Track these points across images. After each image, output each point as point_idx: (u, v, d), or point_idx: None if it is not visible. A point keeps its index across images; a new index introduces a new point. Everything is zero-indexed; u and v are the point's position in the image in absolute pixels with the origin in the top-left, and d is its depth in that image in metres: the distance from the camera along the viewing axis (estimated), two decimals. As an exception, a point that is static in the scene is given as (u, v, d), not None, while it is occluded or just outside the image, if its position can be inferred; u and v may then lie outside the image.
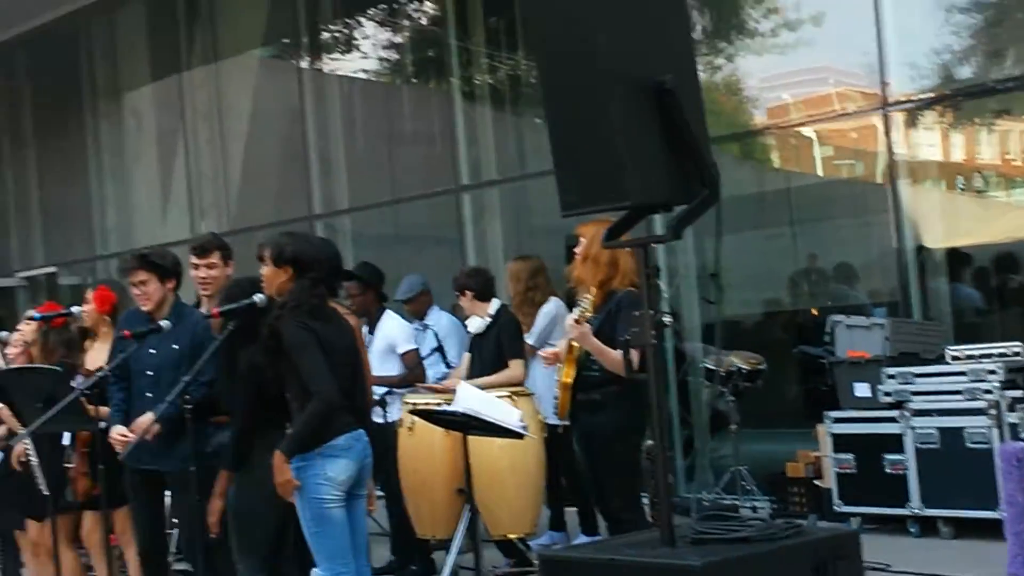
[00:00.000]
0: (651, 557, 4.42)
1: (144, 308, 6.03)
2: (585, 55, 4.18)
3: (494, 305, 7.57)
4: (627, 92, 4.14)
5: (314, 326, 5.10)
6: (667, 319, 4.47)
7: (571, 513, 7.91)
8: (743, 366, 8.27)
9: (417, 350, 7.70)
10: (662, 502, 4.60)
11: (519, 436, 6.11)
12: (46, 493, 6.59)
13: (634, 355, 5.80)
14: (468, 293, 7.50)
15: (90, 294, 6.67)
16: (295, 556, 5.74)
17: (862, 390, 7.68)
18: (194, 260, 6.24)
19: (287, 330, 5.08)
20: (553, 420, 6.87)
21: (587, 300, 5.84)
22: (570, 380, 6.09)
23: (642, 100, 4.18)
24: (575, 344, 6.08)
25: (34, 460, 6.69)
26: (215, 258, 6.31)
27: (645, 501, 6.23)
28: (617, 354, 5.86)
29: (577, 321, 5.82)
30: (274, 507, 5.24)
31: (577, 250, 6.26)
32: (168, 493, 6.12)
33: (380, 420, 7.21)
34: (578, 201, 4.44)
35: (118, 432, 5.84)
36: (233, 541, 5.47)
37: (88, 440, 6.28)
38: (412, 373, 7.65)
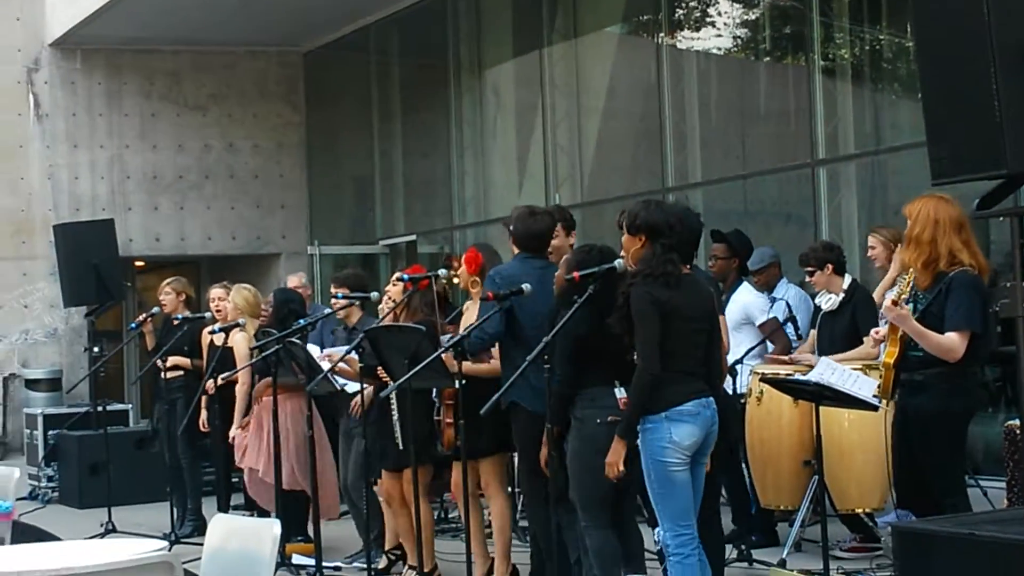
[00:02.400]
0: (1015, 534, 4.33)
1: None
2: (967, 22, 4.11)
3: (847, 281, 7.49)
4: (1008, 56, 4.06)
5: (661, 295, 5.19)
6: (1040, 290, 4.35)
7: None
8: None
9: (776, 319, 7.73)
10: (1026, 478, 4.49)
11: (873, 408, 6.05)
12: (401, 448, 7.00)
13: (958, 338, 5.64)
14: (829, 267, 7.43)
15: (459, 260, 6.97)
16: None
17: None
18: None
19: (634, 297, 5.22)
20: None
21: (903, 281, 5.71)
22: (892, 360, 5.94)
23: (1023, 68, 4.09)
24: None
25: (395, 415, 7.09)
26: (558, 228, 6.56)
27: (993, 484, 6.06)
28: (941, 337, 5.70)
29: (894, 303, 5.68)
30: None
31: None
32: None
33: (728, 390, 7.25)
34: (950, 170, 4.40)
35: None
36: (575, 496, 5.61)
37: (453, 393, 6.56)
38: (779, 346, 7.69)
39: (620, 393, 5.49)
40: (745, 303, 7.82)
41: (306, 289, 10.12)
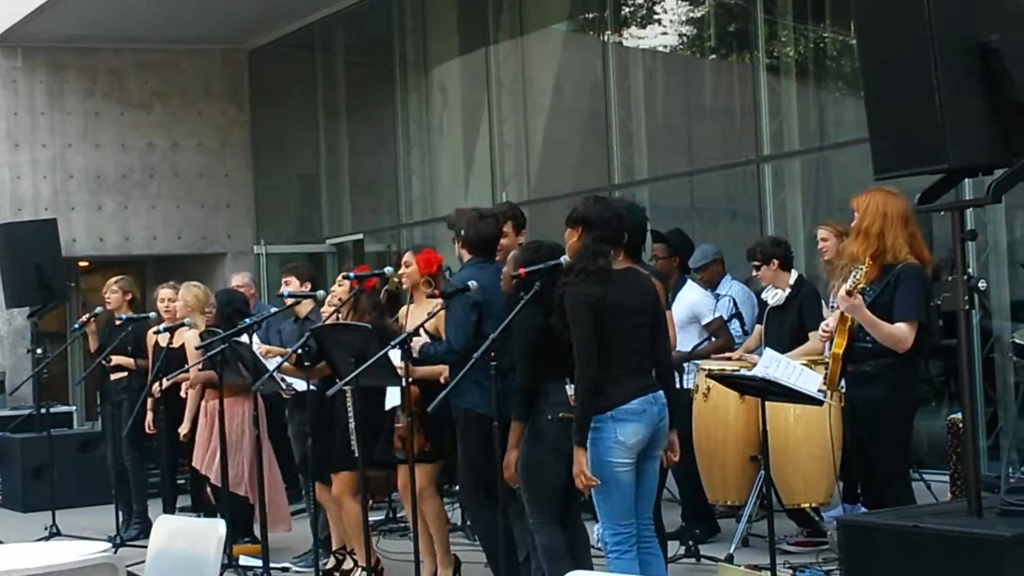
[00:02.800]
0: (957, 526, 4.37)
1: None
2: (908, 18, 4.14)
3: (794, 276, 7.53)
4: (949, 53, 4.10)
5: (595, 292, 5.17)
6: (981, 284, 4.39)
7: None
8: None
9: (721, 317, 7.76)
10: (969, 471, 4.53)
11: (818, 402, 6.08)
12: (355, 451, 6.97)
13: (907, 329, 5.70)
14: (775, 262, 7.46)
15: (409, 256, 6.90)
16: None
17: None
18: None
19: (567, 298, 5.21)
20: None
21: (860, 271, 5.75)
22: (840, 351, 5.99)
23: (964, 61, 4.13)
24: (847, 315, 5.99)
25: (351, 417, 7.05)
26: (508, 227, 6.55)
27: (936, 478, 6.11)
28: (892, 327, 5.75)
29: (849, 293, 5.73)
30: (563, 460, 5.35)
31: (852, 225, 6.14)
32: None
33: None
34: (893, 165, 4.43)
35: None
36: (524, 494, 5.59)
37: (416, 399, 6.51)
38: (721, 341, 7.71)
39: (571, 390, 5.49)
40: (692, 301, 7.83)
41: (250, 288, 10.03)
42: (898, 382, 5.89)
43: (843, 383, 6.13)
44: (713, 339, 7.81)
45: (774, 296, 7.55)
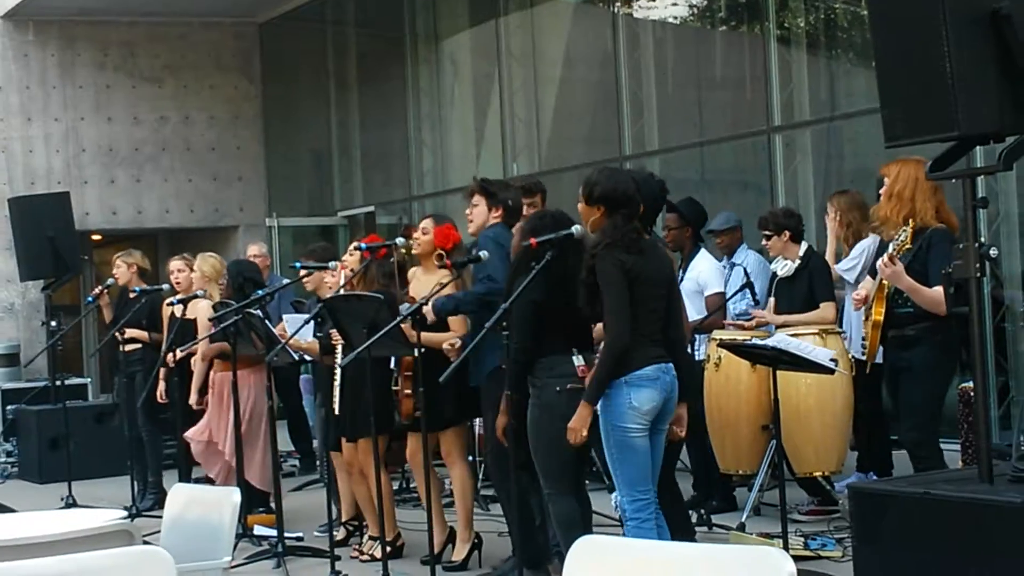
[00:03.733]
0: (969, 493, 4.39)
1: (470, 231, 6.40)
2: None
3: (803, 247, 7.53)
4: (960, 20, 4.09)
5: (628, 261, 5.19)
6: (992, 251, 4.40)
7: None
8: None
9: (723, 294, 7.73)
10: (981, 438, 4.55)
11: (829, 371, 6.10)
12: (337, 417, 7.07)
13: (938, 294, 5.77)
14: (786, 234, 7.46)
15: (429, 223, 6.90)
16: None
17: None
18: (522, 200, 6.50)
19: (601, 266, 5.22)
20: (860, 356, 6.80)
21: (902, 238, 5.77)
22: (880, 318, 6.05)
23: (975, 28, 4.12)
24: (885, 283, 6.03)
25: (336, 385, 7.11)
26: (537, 199, 6.58)
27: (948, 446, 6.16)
28: (932, 291, 5.81)
29: (891, 259, 5.77)
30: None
31: (882, 190, 6.21)
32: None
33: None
34: (904, 133, 4.42)
35: None
36: (537, 465, 5.62)
37: (411, 364, 6.56)
38: (711, 317, 7.68)
39: (578, 361, 5.51)
40: (701, 272, 7.81)
41: (265, 259, 10.07)
42: (944, 343, 6.02)
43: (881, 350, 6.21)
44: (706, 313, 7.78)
45: (783, 267, 7.55)
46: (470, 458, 7.77)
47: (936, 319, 5.88)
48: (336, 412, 7.10)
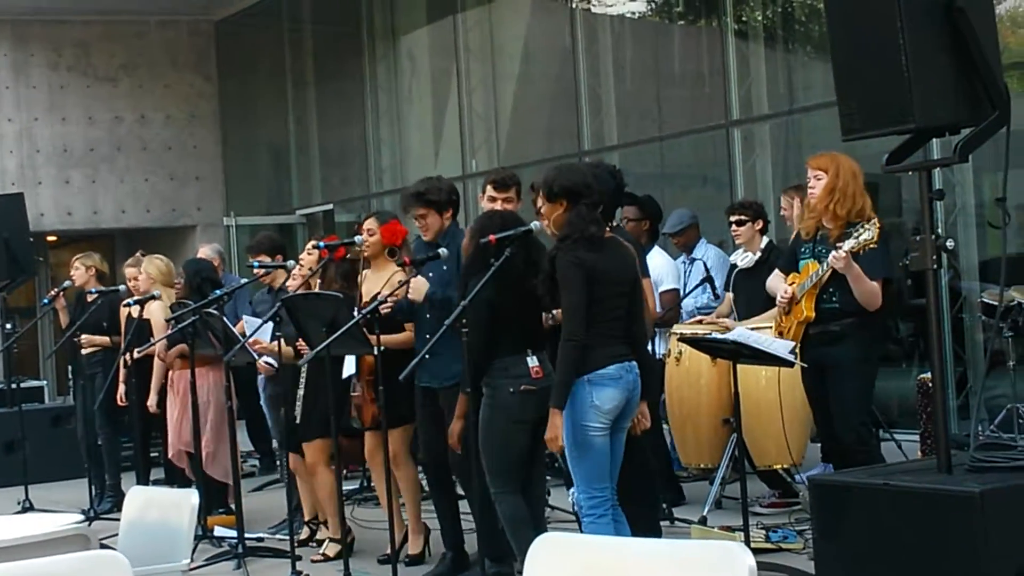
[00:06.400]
0: (928, 483, 4.41)
1: (425, 239, 6.34)
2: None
3: (765, 241, 7.55)
4: (915, 14, 4.10)
5: (587, 259, 5.17)
6: (949, 243, 4.41)
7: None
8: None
9: (678, 291, 7.74)
10: (939, 428, 4.57)
11: (789, 364, 6.10)
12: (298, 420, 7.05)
13: (878, 286, 5.77)
14: (760, 222, 7.48)
15: (372, 223, 6.84)
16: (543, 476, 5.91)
17: None
18: (492, 193, 6.39)
19: (560, 262, 5.21)
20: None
21: (869, 234, 5.74)
22: (812, 315, 6.03)
23: (931, 22, 4.14)
24: (819, 280, 6.01)
25: (301, 387, 7.07)
26: (513, 193, 6.49)
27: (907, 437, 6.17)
28: (872, 284, 5.81)
29: (855, 253, 5.75)
30: (525, 431, 5.42)
31: (811, 185, 6.15)
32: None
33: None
34: (860, 126, 4.43)
35: None
36: (485, 464, 5.59)
37: (371, 369, 6.52)
38: (666, 314, 7.68)
39: (532, 362, 5.50)
40: (655, 266, 7.81)
41: (215, 260, 9.99)
42: (870, 339, 5.99)
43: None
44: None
45: (744, 259, 7.56)
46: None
47: (861, 315, 5.87)
48: (296, 416, 7.07)
